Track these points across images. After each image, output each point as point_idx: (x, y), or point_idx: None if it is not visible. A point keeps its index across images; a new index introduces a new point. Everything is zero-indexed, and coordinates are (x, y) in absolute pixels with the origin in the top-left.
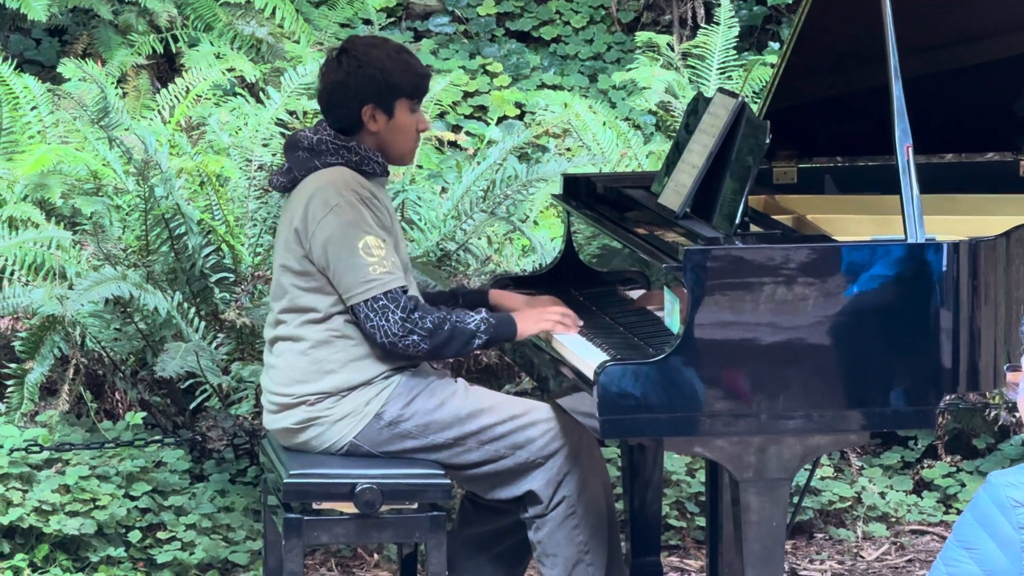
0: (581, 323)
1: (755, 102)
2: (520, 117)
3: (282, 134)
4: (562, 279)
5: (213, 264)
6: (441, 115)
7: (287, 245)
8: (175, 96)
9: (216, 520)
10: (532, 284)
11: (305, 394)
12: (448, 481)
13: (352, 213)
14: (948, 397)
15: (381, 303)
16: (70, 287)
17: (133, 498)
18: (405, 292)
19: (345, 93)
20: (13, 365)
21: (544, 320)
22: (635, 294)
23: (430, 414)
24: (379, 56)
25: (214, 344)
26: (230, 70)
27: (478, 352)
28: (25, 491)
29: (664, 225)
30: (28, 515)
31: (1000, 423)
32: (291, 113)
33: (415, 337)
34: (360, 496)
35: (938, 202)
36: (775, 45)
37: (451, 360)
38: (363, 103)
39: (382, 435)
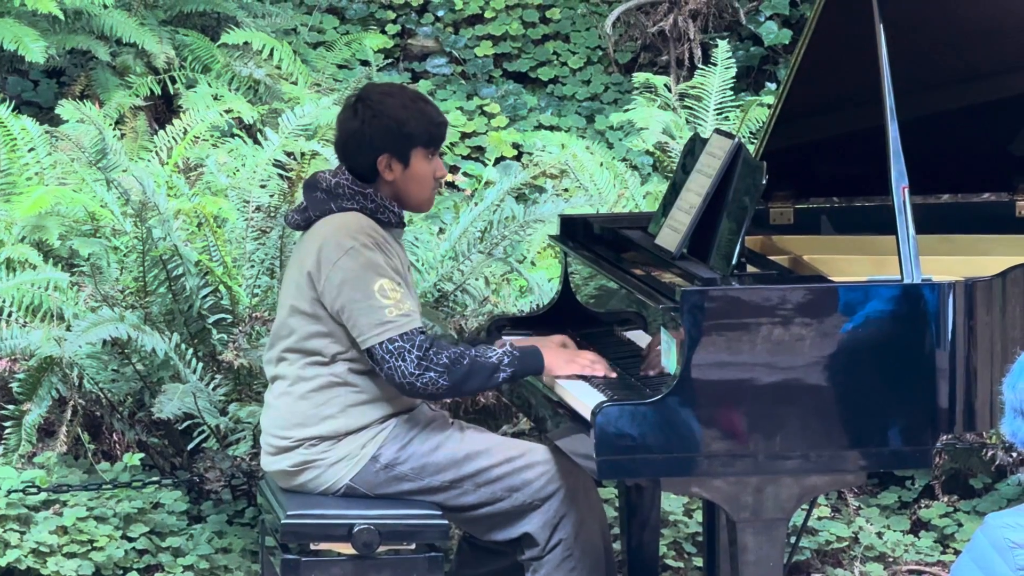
0: (614, 374)
1: (752, 143)
2: (517, 158)
3: (280, 175)
4: (559, 320)
5: (211, 305)
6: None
7: (299, 288)
8: (173, 137)
9: (214, 561)
10: (529, 325)
11: (302, 438)
12: (446, 522)
13: (367, 256)
14: (945, 437)
15: (397, 344)
16: (68, 328)
17: (131, 539)
18: (423, 333)
19: (360, 142)
20: (11, 407)
21: (575, 363)
22: (632, 335)
23: (426, 456)
24: (394, 105)
25: (212, 385)
26: (228, 111)
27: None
28: (23, 532)
29: (661, 266)
30: (26, 556)
31: (997, 463)
32: (289, 154)
33: (432, 374)
34: (358, 537)
35: (934, 242)
36: (772, 86)
37: (448, 401)
38: (379, 153)
39: (378, 477)
